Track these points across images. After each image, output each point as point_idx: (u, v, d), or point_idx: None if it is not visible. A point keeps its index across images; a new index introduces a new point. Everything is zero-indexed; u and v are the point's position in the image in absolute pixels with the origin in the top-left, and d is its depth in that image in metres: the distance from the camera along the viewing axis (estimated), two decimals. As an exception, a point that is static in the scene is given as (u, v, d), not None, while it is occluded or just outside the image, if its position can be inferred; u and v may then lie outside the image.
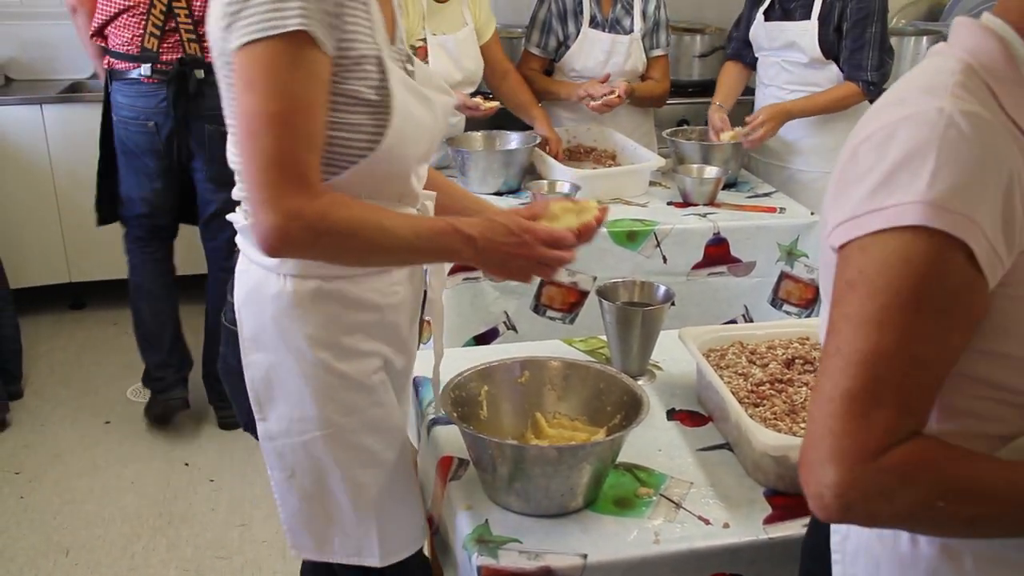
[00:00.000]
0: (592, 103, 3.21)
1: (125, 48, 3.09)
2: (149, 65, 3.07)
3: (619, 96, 3.18)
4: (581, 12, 3.32)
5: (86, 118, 4.20)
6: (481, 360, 1.67)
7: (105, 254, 4.40)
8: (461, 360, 1.74)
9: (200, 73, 3.06)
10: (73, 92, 4.41)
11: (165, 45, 3.07)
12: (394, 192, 1.48)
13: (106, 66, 3.18)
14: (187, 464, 3.30)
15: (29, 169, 4.20)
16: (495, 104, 3.12)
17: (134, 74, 3.09)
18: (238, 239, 1.51)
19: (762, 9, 3.22)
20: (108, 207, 3.44)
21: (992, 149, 0.92)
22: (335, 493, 1.53)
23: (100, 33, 3.15)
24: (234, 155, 1.42)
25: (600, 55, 3.34)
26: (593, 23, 3.33)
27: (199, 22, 3.04)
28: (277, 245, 1.27)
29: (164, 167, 3.23)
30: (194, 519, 3.00)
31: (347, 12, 1.31)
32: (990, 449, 0.99)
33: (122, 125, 3.21)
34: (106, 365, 4.03)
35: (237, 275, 1.50)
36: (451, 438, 1.68)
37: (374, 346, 1.51)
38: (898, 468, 0.92)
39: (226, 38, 1.28)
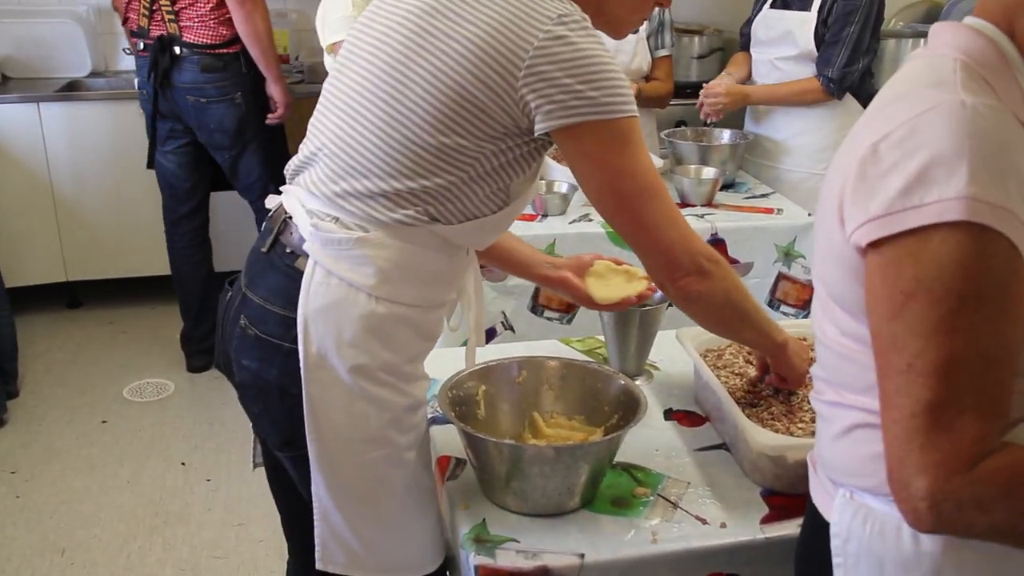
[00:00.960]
0: None
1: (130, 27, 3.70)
2: (142, 41, 3.64)
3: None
4: None
5: (83, 116, 4.21)
6: (479, 360, 1.67)
7: (102, 253, 4.41)
8: (459, 360, 1.74)
9: (177, 49, 3.57)
10: (70, 90, 4.42)
11: (153, 24, 3.58)
12: (483, 243, 1.54)
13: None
14: (184, 463, 3.30)
15: (26, 168, 4.20)
16: None
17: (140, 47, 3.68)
18: (314, 249, 1.40)
19: (769, 2, 3.24)
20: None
21: (1010, 138, 0.94)
22: (382, 510, 1.49)
23: (125, 21, 3.76)
24: (383, 167, 1.38)
25: None
26: None
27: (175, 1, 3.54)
28: (703, 282, 1.43)
29: (163, 133, 3.77)
30: (190, 518, 3.00)
31: None
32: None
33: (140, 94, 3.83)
34: (103, 364, 4.03)
35: (311, 287, 1.39)
36: (448, 438, 1.68)
37: (423, 369, 1.52)
38: (994, 478, 0.93)
39: (522, 87, 1.31)
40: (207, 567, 2.78)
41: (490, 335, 2.75)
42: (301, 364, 1.40)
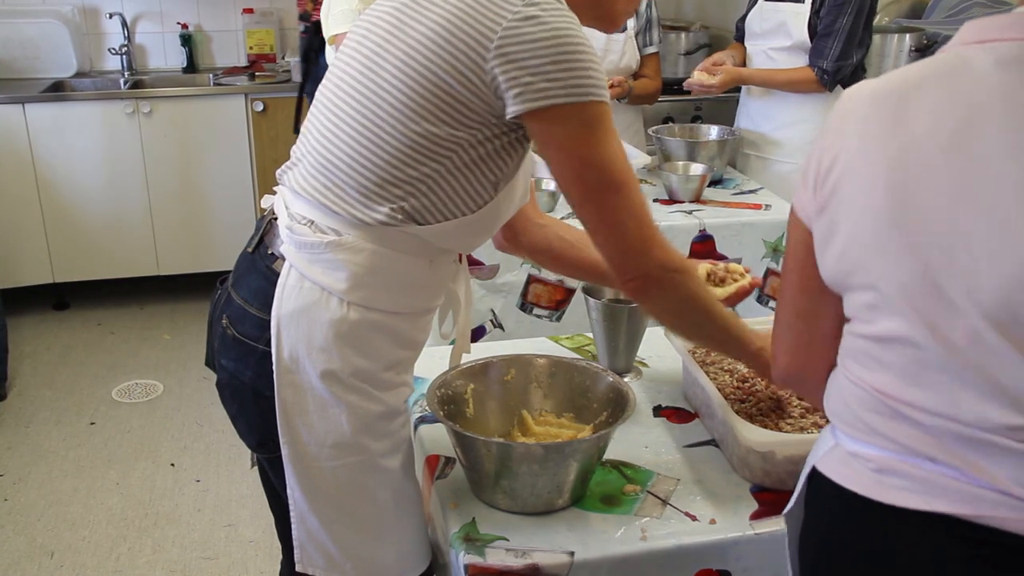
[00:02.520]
0: None
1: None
2: (304, 24, 4.28)
3: (623, 89, 3.23)
4: None
5: (69, 117, 4.19)
6: (467, 358, 1.67)
7: (89, 254, 4.40)
8: (447, 358, 1.73)
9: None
10: (56, 91, 4.40)
11: (315, 8, 3.97)
12: (467, 246, 1.50)
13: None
14: (173, 464, 3.29)
15: (12, 169, 4.18)
16: None
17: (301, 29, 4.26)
18: (289, 252, 1.40)
19: None
20: None
21: None
22: (358, 516, 1.48)
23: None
24: (354, 165, 1.36)
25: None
26: None
27: None
28: (653, 287, 1.41)
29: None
30: (180, 520, 2.99)
31: None
32: None
33: None
34: (90, 365, 4.01)
35: (284, 289, 1.39)
36: (437, 437, 1.68)
37: (405, 378, 1.49)
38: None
39: (489, 73, 1.27)
40: (197, 568, 2.77)
41: (479, 333, 2.74)
42: (274, 367, 1.39)
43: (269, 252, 1.45)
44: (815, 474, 1.18)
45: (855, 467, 1.12)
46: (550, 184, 2.84)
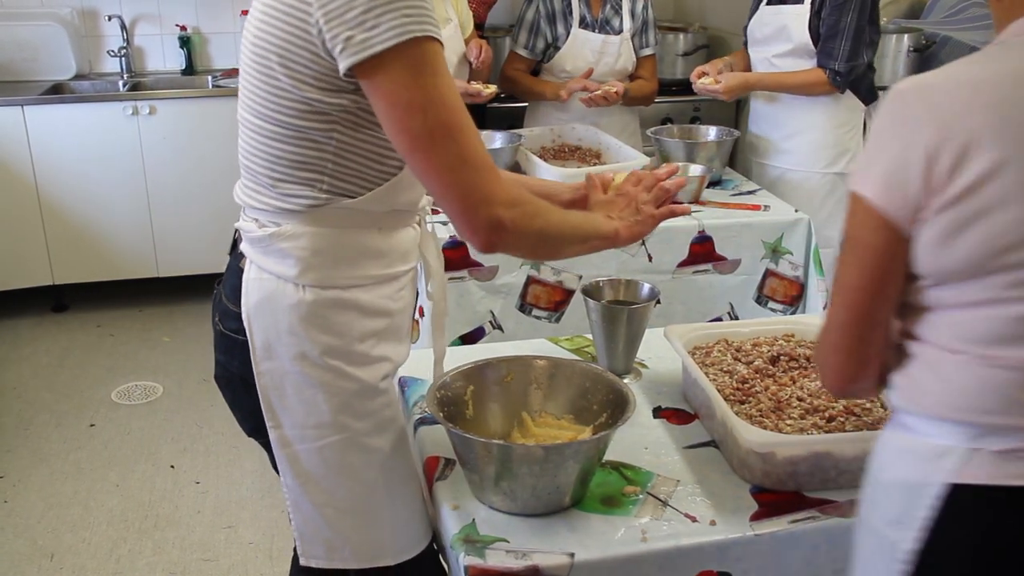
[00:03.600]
0: (586, 96, 3.22)
1: None
2: None
3: (617, 92, 3.22)
4: (570, 13, 3.33)
5: (68, 119, 4.19)
6: (467, 359, 1.67)
7: (88, 255, 4.39)
8: (447, 360, 1.73)
9: None
10: (55, 93, 4.40)
11: None
12: (409, 204, 1.50)
13: None
14: (173, 466, 3.29)
15: (11, 171, 4.18)
16: (494, 89, 3.15)
17: None
18: (247, 248, 1.48)
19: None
20: None
21: None
22: (349, 497, 1.52)
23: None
24: (264, 159, 1.41)
25: (591, 56, 3.35)
26: (583, 24, 3.34)
27: None
28: (502, 236, 1.34)
29: None
30: (180, 521, 2.99)
31: None
32: None
33: None
34: (90, 367, 4.01)
35: (246, 284, 1.47)
36: (437, 438, 1.68)
37: (384, 350, 1.52)
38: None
39: (320, 43, 1.27)
40: (197, 570, 2.77)
41: (478, 334, 2.75)
42: (251, 357, 1.47)
43: (239, 252, 1.53)
44: (955, 491, 1.14)
45: (1015, 463, 1.11)
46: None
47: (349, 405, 1.48)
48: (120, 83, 4.67)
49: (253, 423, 1.55)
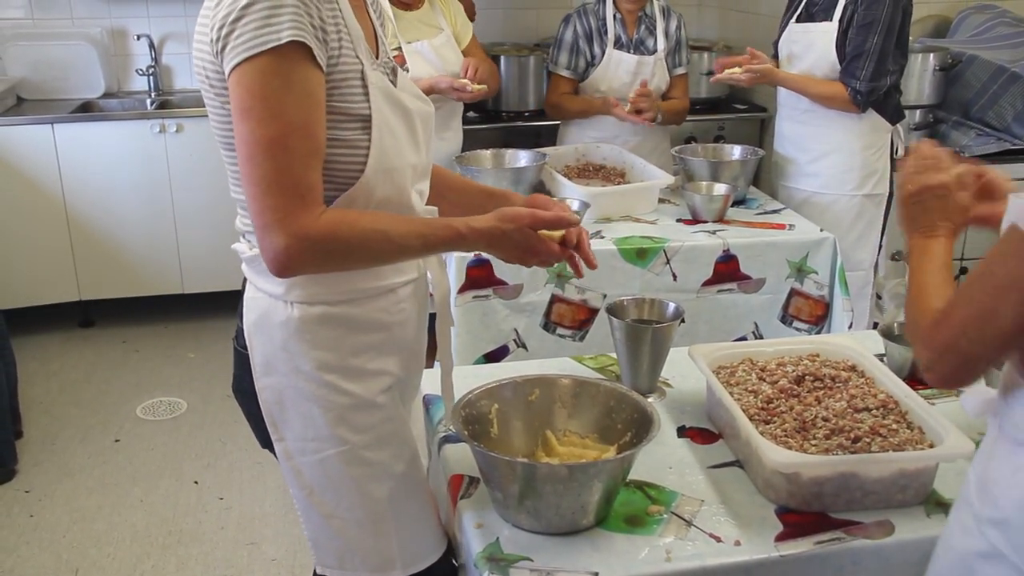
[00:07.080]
0: (629, 110, 3.26)
1: None
2: None
3: (655, 116, 3.26)
4: (606, 33, 3.36)
5: (97, 137, 4.24)
6: (491, 378, 1.67)
7: (114, 272, 4.43)
8: (471, 378, 1.74)
9: None
10: (84, 111, 4.46)
11: None
12: (395, 209, 1.50)
13: None
14: (196, 482, 3.30)
15: (40, 188, 4.23)
16: (483, 87, 3.14)
17: None
18: (244, 268, 1.55)
19: (795, 16, 3.22)
20: None
21: None
22: (353, 508, 1.56)
23: None
24: (235, 183, 1.46)
25: (626, 76, 3.37)
26: (618, 44, 3.37)
27: None
28: (288, 264, 1.34)
29: None
30: (203, 537, 3.00)
31: (329, 27, 1.35)
32: None
33: None
34: (115, 383, 4.04)
35: (246, 302, 1.54)
36: (461, 456, 1.68)
37: (382, 364, 1.55)
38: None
39: (219, 63, 1.33)
40: (220, 586, 2.78)
41: (503, 353, 2.75)
42: (253, 373, 1.52)
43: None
44: None
45: None
46: (573, 204, 2.84)
47: (345, 419, 1.52)
48: (148, 101, 4.72)
49: (265, 435, 1.60)
